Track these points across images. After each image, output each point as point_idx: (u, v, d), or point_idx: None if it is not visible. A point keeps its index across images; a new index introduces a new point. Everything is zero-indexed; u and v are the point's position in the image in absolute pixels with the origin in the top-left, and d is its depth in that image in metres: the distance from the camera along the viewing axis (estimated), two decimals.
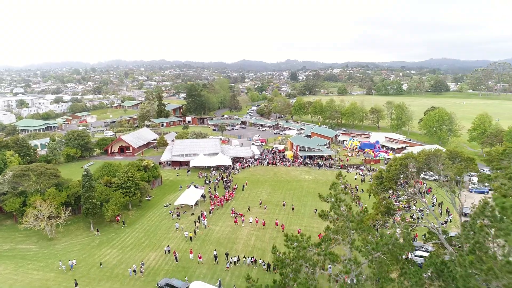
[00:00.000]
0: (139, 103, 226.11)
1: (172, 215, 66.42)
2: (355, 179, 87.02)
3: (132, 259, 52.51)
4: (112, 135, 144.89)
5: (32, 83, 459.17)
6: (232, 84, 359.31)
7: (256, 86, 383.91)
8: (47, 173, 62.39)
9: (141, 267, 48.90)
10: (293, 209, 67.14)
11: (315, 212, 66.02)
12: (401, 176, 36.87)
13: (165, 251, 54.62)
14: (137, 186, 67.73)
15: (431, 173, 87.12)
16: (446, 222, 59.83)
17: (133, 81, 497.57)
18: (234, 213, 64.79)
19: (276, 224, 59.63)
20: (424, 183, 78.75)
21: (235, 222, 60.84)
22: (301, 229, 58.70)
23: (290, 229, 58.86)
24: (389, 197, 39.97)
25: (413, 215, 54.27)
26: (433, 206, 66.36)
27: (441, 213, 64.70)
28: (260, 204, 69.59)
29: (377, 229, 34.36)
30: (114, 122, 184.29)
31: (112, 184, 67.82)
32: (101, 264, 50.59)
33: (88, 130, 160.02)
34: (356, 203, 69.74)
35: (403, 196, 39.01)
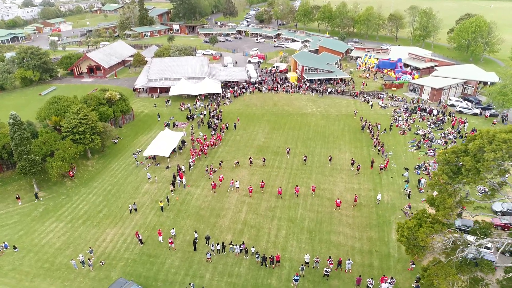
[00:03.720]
0: (122, 7, 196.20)
1: (136, 161, 53.06)
2: (371, 106, 70.65)
3: (82, 239, 39.22)
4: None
5: None
6: None
7: None
8: None
9: (89, 259, 35.69)
10: (305, 160, 52.00)
11: (330, 160, 51.28)
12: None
13: (130, 210, 42.69)
14: (95, 129, 51.74)
15: (468, 103, 70.39)
16: None
17: None
18: (208, 169, 49.50)
19: (279, 193, 44.82)
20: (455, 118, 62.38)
21: (213, 188, 45.99)
22: (305, 191, 44.60)
23: (299, 192, 44.74)
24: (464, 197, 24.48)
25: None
26: None
27: None
28: (251, 162, 51.62)
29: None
30: (91, 31, 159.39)
31: (62, 128, 51.72)
32: (15, 248, 37.53)
33: (59, 42, 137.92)
34: (379, 151, 54.38)
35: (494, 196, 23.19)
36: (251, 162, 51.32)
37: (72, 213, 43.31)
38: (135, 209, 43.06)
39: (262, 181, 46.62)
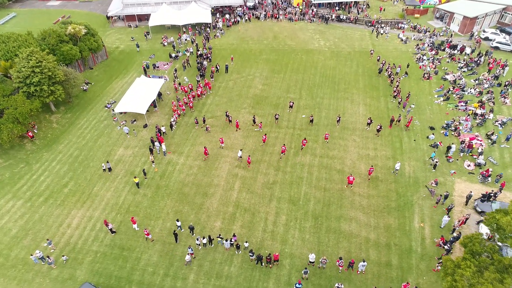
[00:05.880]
0: None
1: (113, 110, 45.06)
2: (376, 35, 59.32)
3: (44, 223, 32.83)
4: None
5: None
6: None
7: None
8: None
9: (48, 256, 29.42)
10: (311, 121, 42.37)
11: (338, 121, 42.41)
12: None
13: (104, 169, 36.87)
14: (54, 79, 42.10)
15: (505, 37, 58.99)
16: None
17: None
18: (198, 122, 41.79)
19: (283, 152, 37.26)
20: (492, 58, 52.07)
21: (205, 153, 37.89)
22: (311, 160, 37.00)
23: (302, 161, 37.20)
24: None
25: None
26: None
27: None
28: (255, 122, 42.58)
29: None
30: None
31: (13, 77, 42.02)
32: None
33: None
34: (400, 103, 45.26)
35: None
36: (254, 122, 42.45)
37: (32, 188, 36.26)
38: (109, 169, 36.54)
39: (265, 134, 39.95)
